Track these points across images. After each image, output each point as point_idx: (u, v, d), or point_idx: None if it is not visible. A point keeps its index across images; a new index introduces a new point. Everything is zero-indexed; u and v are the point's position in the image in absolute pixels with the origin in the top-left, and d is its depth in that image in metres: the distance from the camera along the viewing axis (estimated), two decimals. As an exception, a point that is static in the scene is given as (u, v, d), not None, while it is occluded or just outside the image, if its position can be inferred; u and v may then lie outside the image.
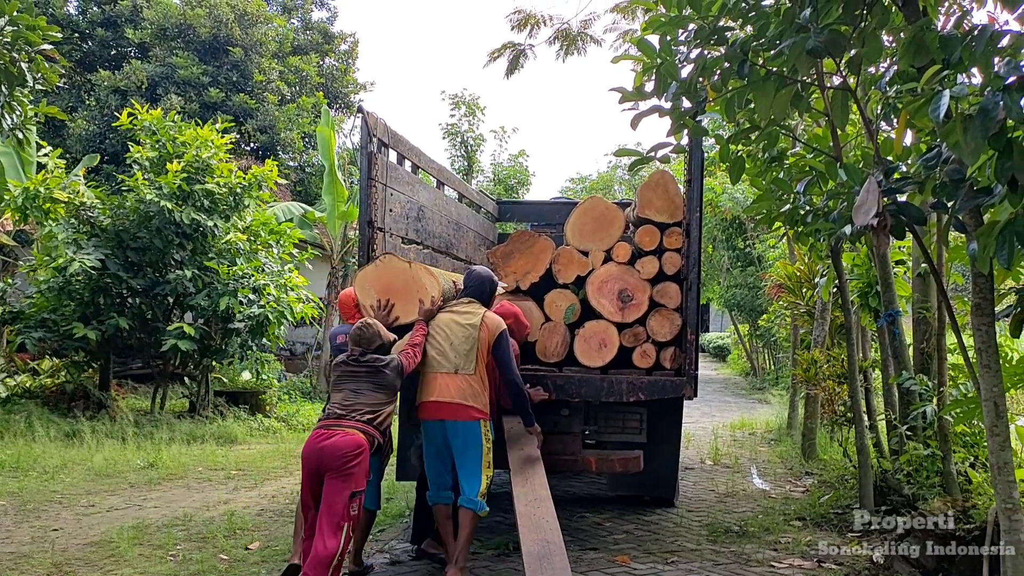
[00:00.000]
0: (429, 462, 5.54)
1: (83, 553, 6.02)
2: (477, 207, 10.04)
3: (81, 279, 11.13)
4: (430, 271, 5.83)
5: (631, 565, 5.85)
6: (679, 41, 4.63)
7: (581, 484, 8.77)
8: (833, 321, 9.59)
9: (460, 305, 5.59)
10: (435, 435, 5.42)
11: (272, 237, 12.83)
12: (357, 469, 4.73)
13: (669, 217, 6.79)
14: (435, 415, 5.36)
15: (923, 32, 3.47)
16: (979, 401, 4.04)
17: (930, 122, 3.64)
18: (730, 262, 21.34)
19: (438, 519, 5.56)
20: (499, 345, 5.46)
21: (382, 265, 5.80)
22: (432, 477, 5.54)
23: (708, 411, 16.06)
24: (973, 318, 3.85)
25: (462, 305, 5.58)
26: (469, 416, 5.30)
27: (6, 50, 6.65)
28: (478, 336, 5.40)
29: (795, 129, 6.98)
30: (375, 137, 6.33)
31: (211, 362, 12.57)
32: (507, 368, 5.49)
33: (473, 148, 25.41)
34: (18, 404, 11.40)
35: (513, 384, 5.52)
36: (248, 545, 6.27)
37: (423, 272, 5.78)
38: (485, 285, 5.69)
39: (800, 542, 6.40)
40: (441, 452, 5.46)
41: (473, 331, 5.41)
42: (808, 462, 9.86)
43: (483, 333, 5.41)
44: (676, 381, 6.41)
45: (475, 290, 5.66)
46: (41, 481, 8.40)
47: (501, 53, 14.16)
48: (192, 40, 22.22)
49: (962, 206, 3.44)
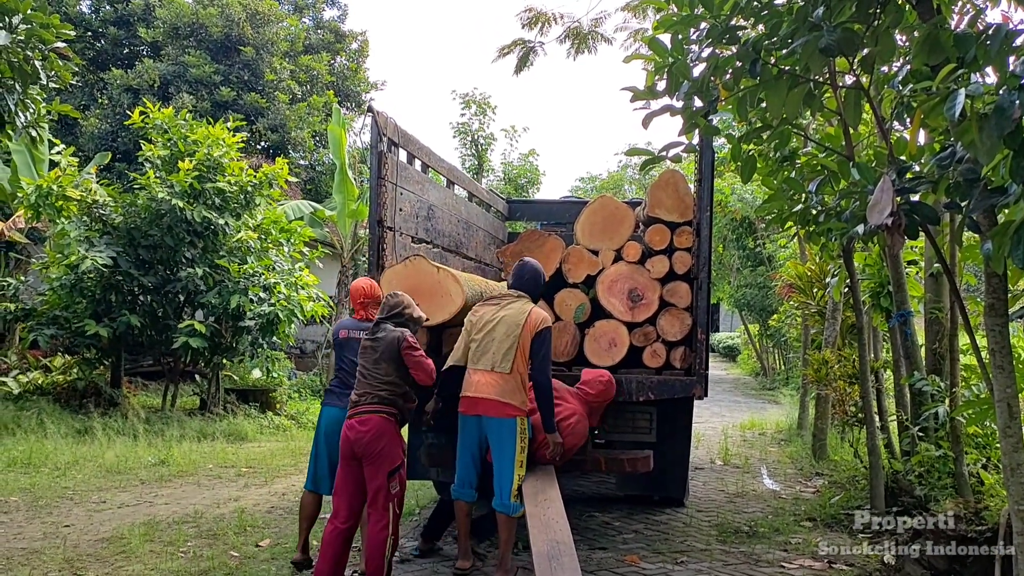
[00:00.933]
0: (460, 456, 5.56)
1: (94, 549, 6.04)
2: (487, 206, 10.04)
3: (93, 276, 11.18)
4: (457, 278, 5.87)
5: (640, 565, 5.84)
6: (691, 40, 4.61)
7: (590, 484, 8.76)
8: (844, 321, 9.56)
9: (507, 299, 5.57)
10: (471, 430, 5.47)
11: (283, 235, 12.86)
12: (386, 450, 4.92)
13: (679, 216, 6.77)
14: (472, 410, 5.41)
15: (937, 30, 3.45)
16: (992, 402, 4.01)
17: (944, 121, 3.62)
18: (740, 262, 21.30)
19: (458, 515, 5.59)
20: (538, 340, 5.42)
21: (411, 265, 5.94)
22: (460, 471, 5.56)
23: (718, 411, 16.02)
24: (987, 318, 3.83)
25: (509, 299, 5.56)
26: (505, 413, 5.33)
27: (20, 48, 6.68)
28: (520, 333, 5.38)
29: (807, 128, 6.95)
30: (385, 136, 6.34)
31: (222, 360, 12.61)
32: (538, 366, 5.46)
33: (483, 147, 25.44)
34: (30, 401, 11.48)
35: (540, 384, 5.47)
36: (258, 542, 6.29)
37: (450, 279, 5.84)
38: (538, 279, 5.68)
39: (811, 543, 6.37)
40: (472, 447, 5.49)
41: (516, 328, 5.39)
42: (819, 463, 9.83)
43: (525, 330, 5.40)
44: (686, 381, 6.40)
45: (527, 283, 5.65)
46: (53, 477, 8.44)
47: (511, 50, 14.15)
48: (204, 39, 22.28)
49: (976, 206, 3.41)
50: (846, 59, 4.45)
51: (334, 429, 5.41)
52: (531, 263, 5.77)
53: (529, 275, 5.67)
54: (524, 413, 5.40)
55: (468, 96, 25.04)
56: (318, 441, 5.71)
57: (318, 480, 5.68)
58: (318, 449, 5.70)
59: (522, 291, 5.61)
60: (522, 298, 5.57)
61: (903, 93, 4.15)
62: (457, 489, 5.58)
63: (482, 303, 5.65)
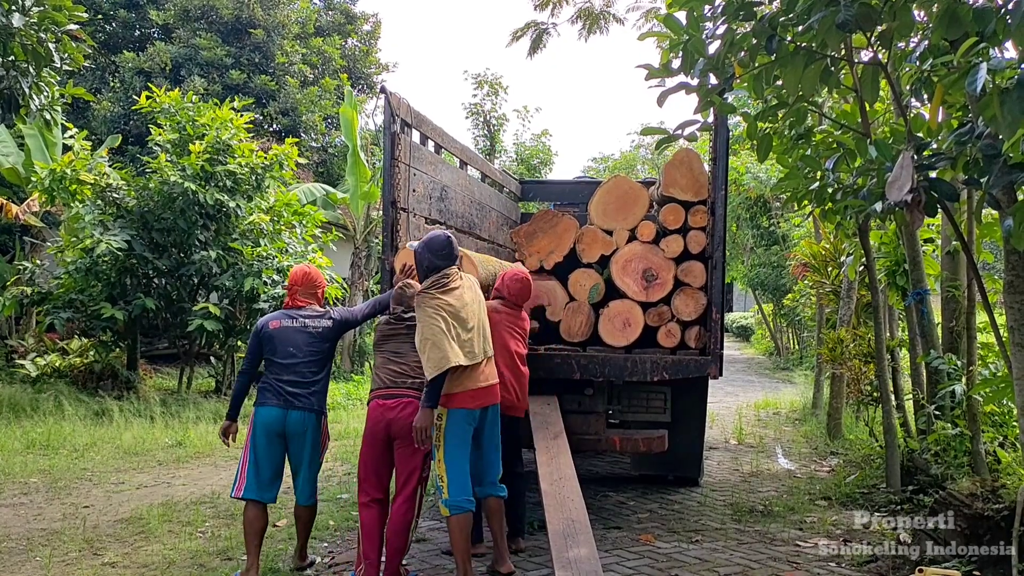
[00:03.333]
0: (488, 451, 5.13)
1: (113, 530, 6.11)
2: (500, 187, 10.01)
3: (108, 260, 11.23)
4: (472, 259, 5.74)
5: (655, 544, 5.85)
6: (706, 17, 4.57)
7: (605, 464, 8.78)
8: (859, 300, 9.51)
9: (454, 280, 4.88)
10: (493, 419, 5.09)
11: (295, 218, 12.87)
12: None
13: (694, 195, 6.73)
14: (494, 399, 5.01)
15: (956, 4, 3.40)
16: (1010, 380, 3.98)
17: (962, 97, 3.58)
18: (754, 241, 21.20)
19: (494, 514, 5.19)
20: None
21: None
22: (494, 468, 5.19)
23: (732, 391, 16.01)
24: (1006, 296, 3.80)
25: (455, 279, 4.90)
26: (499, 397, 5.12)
27: (33, 30, 6.69)
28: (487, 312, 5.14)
29: (823, 106, 6.89)
30: (398, 117, 6.31)
31: (236, 342, 12.65)
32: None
33: (496, 128, 25.37)
34: (48, 383, 11.58)
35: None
36: (275, 523, 6.33)
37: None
38: (454, 245, 4.96)
39: (826, 521, 6.37)
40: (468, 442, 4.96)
41: (484, 308, 5.08)
42: (833, 442, 9.81)
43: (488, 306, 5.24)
44: (701, 360, 6.37)
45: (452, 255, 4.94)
46: (71, 459, 8.52)
47: (524, 32, 14.14)
48: (215, 21, 22.24)
49: (996, 182, 3.38)
50: (863, 35, 4.40)
51: (275, 430, 5.01)
52: (444, 235, 4.99)
53: (446, 246, 4.90)
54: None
55: (480, 76, 24.97)
56: (256, 445, 5.05)
57: (262, 487, 5.05)
58: (257, 454, 5.04)
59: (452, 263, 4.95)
60: (460, 274, 5.00)
61: (922, 68, 4.10)
62: (484, 488, 5.14)
63: (440, 291, 4.79)
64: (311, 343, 5.13)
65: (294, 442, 5.09)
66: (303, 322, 5.17)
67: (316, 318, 5.22)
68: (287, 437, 5.07)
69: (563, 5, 13.96)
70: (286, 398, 5.01)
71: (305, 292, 5.31)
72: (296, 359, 5.07)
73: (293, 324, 5.15)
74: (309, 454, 5.16)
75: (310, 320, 5.19)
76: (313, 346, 5.13)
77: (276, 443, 5.06)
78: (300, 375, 5.06)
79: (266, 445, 5.05)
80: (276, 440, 5.05)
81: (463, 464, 4.83)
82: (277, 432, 5.03)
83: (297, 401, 5.03)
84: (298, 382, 5.04)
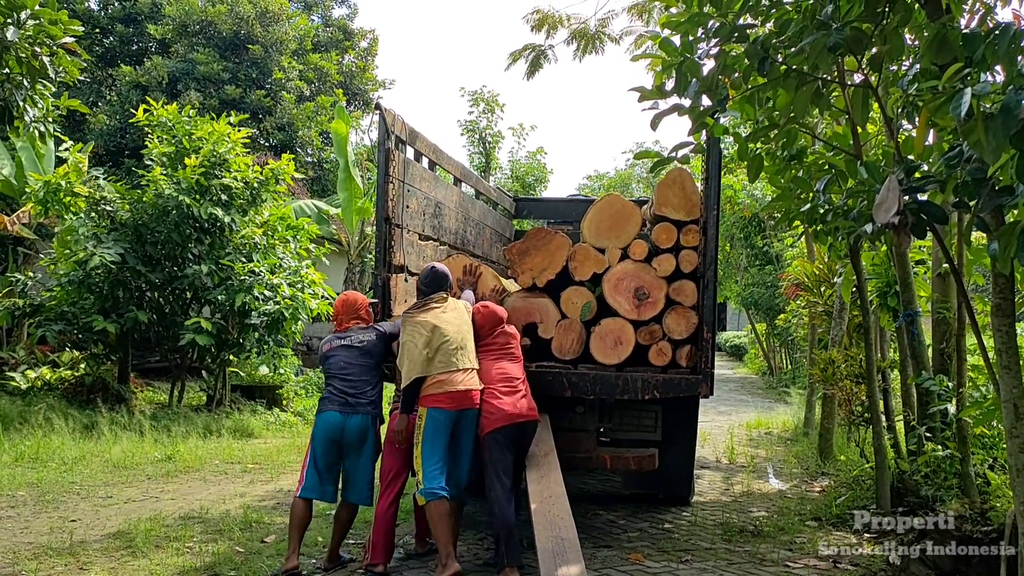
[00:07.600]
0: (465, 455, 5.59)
1: (100, 544, 6.07)
2: (494, 204, 10.05)
3: (101, 273, 11.20)
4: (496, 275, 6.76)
5: (645, 563, 5.84)
6: (699, 38, 4.61)
7: (595, 482, 8.76)
8: (851, 320, 9.53)
9: (438, 304, 5.66)
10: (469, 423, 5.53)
11: (289, 232, 12.87)
12: None
13: (686, 215, 6.75)
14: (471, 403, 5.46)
15: (946, 30, 3.45)
16: (999, 403, 4.00)
17: (951, 120, 3.61)
18: (747, 260, 21.26)
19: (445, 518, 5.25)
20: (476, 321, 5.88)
21: (451, 263, 6.69)
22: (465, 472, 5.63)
23: (724, 410, 16.00)
24: (993, 318, 3.82)
25: (440, 303, 5.67)
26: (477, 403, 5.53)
27: (28, 43, 6.70)
28: (472, 329, 5.75)
29: (814, 127, 6.93)
30: (393, 134, 6.35)
31: (228, 356, 12.63)
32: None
33: (491, 145, 25.45)
34: (38, 396, 11.51)
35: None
36: (264, 538, 6.30)
37: (488, 272, 6.78)
38: (447, 277, 5.84)
39: (815, 542, 6.36)
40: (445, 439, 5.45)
41: (468, 326, 5.71)
42: (825, 462, 9.80)
43: (475, 325, 5.82)
44: (692, 379, 6.38)
45: (442, 283, 5.79)
46: (59, 472, 8.48)
47: (521, 55, 14.22)
48: (213, 36, 22.34)
49: (984, 205, 3.40)
50: (854, 58, 4.45)
51: (334, 436, 5.57)
52: (435, 266, 5.89)
53: (441, 277, 5.78)
54: None
55: (476, 94, 25.08)
56: (315, 449, 5.59)
57: (319, 488, 5.54)
58: (316, 457, 5.58)
59: (442, 293, 5.75)
60: (447, 298, 5.75)
61: (910, 92, 4.14)
62: (452, 490, 5.37)
63: (418, 311, 5.59)
64: (360, 356, 5.75)
65: (353, 445, 5.61)
66: (351, 339, 5.82)
67: (362, 332, 5.87)
68: (345, 441, 5.58)
69: (558, 27, 14.06)
70: (346, 404, 5.58)
71: (348, 316, 5.99)
72: (350, 371, 5.69)
73: (343, 343, 5.81)
74: (367, 456, 5.68)
75: (356, 336, 5.83)
76: (363, 358, 5.75)
77: (333, 448, 5.59)
78: (354, 385, 5.65)
79: (323, 450, 5.58)
80: (333, 446, 5.58)
81: (438, 458, 5.30)
82: (335, 438, 5.56)
83: (357, 407, 5.60)
84: (354, 392, 5.63)
